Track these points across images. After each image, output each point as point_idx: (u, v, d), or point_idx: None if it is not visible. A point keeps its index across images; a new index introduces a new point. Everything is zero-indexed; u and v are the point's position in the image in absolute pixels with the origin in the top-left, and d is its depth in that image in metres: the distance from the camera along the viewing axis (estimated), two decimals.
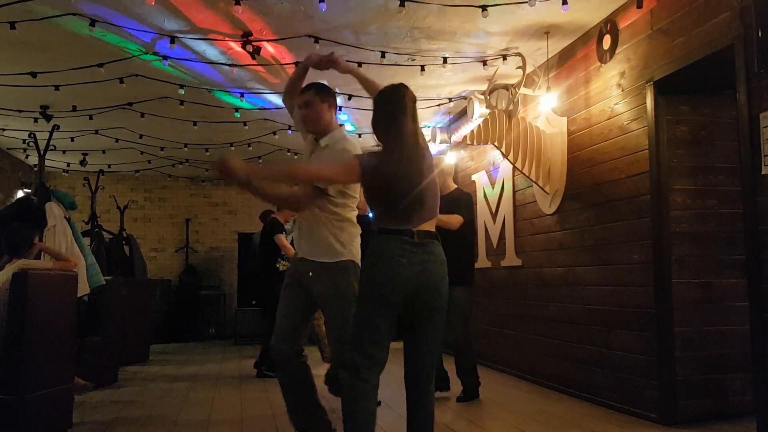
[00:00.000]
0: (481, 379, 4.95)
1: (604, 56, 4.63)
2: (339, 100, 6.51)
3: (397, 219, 2.64)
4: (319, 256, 3.12)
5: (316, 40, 4.89)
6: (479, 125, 5.22)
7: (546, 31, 4.90)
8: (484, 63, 5.49)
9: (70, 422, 4.11)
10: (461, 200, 4.87)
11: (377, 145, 2.74)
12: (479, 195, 6.87)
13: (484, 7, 4.30)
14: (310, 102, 3.15)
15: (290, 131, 7.23)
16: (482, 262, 6.77)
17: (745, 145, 3.37)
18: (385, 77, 5.89)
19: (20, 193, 8.84)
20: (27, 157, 9.27)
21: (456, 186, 5.10)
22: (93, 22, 4.44)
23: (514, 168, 5.70)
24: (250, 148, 8.32)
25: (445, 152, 7.81)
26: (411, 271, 2.60)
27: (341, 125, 3.25)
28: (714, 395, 4.05)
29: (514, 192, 6.15)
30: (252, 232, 9.47)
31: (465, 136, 5.82)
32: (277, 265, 6.26)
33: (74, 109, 6.61)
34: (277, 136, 7.78)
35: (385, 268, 2.59)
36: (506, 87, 5.39)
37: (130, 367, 7.13)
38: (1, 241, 4.41)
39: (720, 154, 4.20)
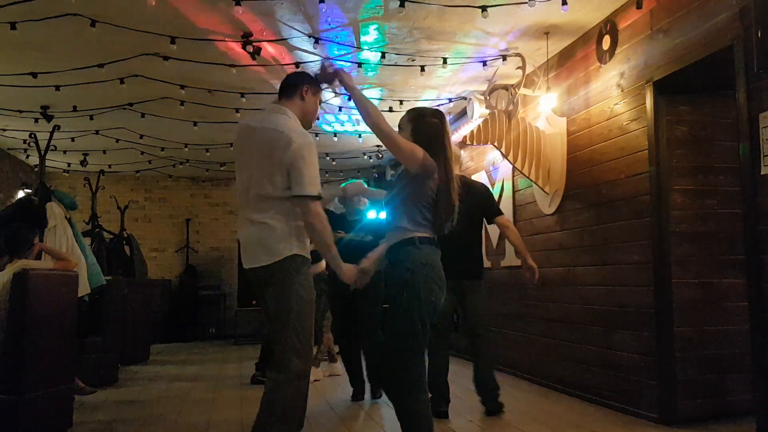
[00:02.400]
0: None
1: (604, 56, 4.63)
2: (338, 100, 6.55)
3: (434, 227, 2.72)
4: None
5: (317, 40, 4.90)
6: (479, 125, 5.22)
7: (546, 32, 4.90)
8: (484, 63, 5.49)
9: (70, 422, 4.12)
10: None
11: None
12: None
13: (484, 8, 4.30)
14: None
15: None
16: None
17: (745, 146, 3.37)
18: (385, 77, 5.95)
19: (21, 194, 8.84)
20: (27, 157, 9.27)
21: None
22: (93, 22, 4.43)
23: (514, 168, 5.70)
24: None
25: None
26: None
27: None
28: (714, 395, 4.05)
29: (514, 192, 6.14)
30: None
31: (465, 137, 5.82)
32: None
33: (75, 109, 6.61)
34: None
35: (439, 281, 2.68)
36: (506, 87, 5.39)
37: (130, 367, 7.13)
38: (1, 241, 4.41)
39: (720, 154, 4.19)
